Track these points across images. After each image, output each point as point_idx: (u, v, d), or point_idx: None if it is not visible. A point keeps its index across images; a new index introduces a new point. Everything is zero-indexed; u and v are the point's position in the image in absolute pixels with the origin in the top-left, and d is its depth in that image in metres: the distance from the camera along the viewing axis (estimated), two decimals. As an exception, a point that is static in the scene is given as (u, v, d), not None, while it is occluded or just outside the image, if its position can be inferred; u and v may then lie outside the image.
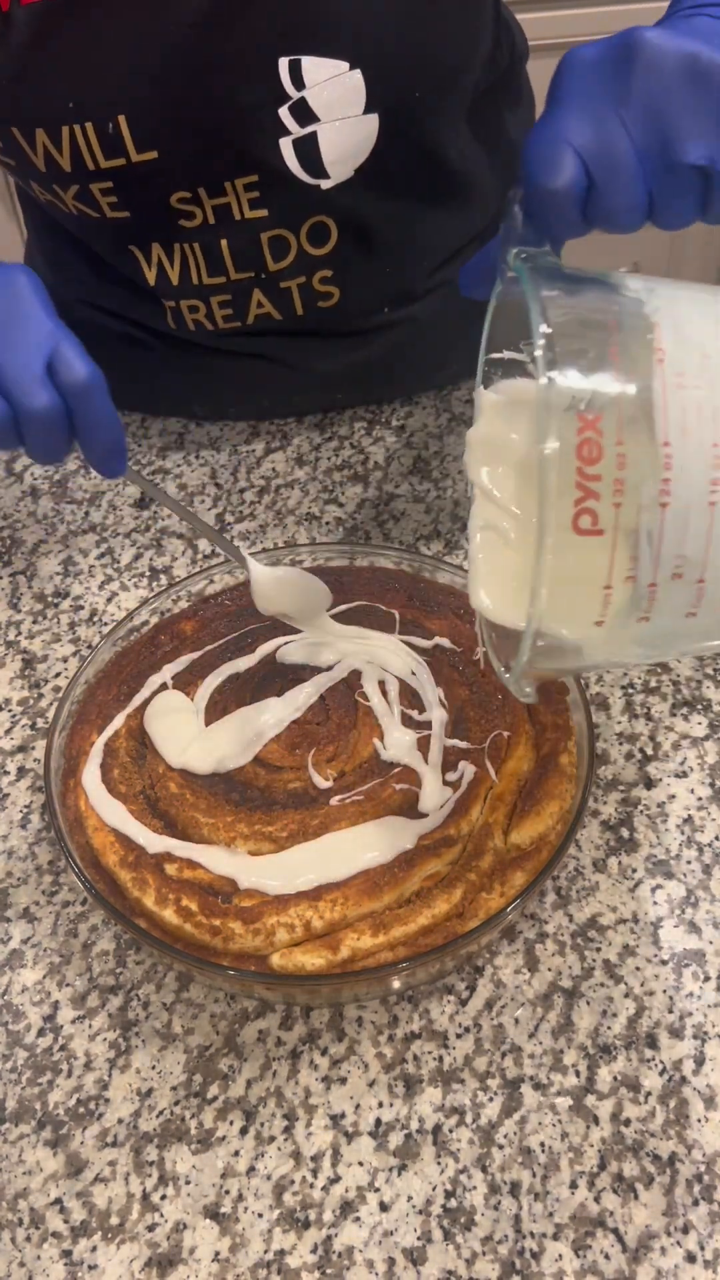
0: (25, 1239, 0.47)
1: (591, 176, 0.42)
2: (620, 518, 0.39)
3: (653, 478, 0.38)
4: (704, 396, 0.39)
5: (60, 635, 0.72)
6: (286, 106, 0.63)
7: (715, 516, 0.39)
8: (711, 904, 0.55)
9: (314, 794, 0.56)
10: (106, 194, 0.66)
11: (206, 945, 0.50)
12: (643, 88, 0.42)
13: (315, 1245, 0.46)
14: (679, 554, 0.39)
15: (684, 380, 0.39)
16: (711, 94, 0.42)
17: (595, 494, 0.38)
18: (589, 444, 0.38)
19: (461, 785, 0.55)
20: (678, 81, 0.42)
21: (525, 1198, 0.46)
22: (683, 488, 0.38)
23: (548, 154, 0.42)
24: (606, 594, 0.40)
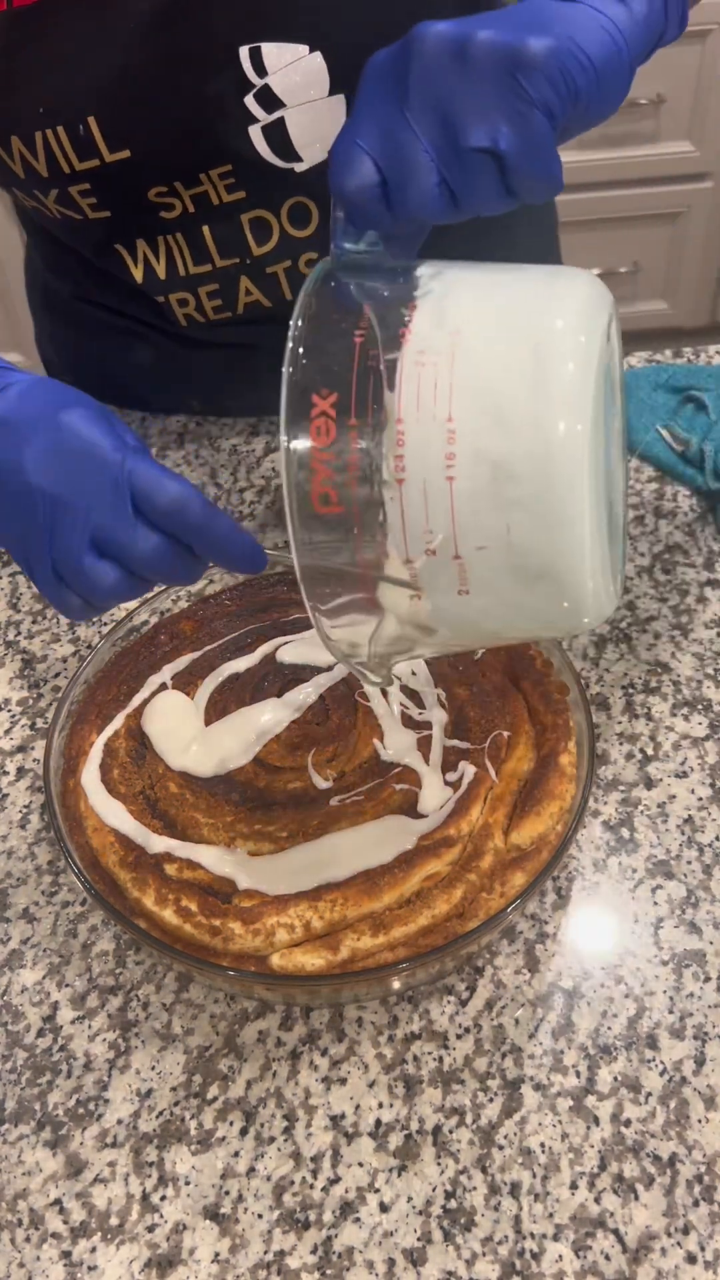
0: (25, 1239, 0.47)
1: (383, 173, 0.44)
2: (358, 494, 0.40)
3: (389, 454, 0.39)
4: (441, 374, 0.39)
5: (60, 635, 0.72)
6: (251, 94, 0.63)
7: (456, 492, 0.39)
8: (712, 904, 0.55)
9: (314, 794, 0.56)
10: (85, 195, 0.66)
11: (206, 946, 0.50)
12: (420, 81, 0.43)
13: (315, 1246, 0.46)
14: (426, 530, 0.40)
15: (424, 358, 0.39)
16: (486, 76, 0.42)
17: (330, 472, 0.40)
18: (322, 422, 0.39)
19: (461, 785, 0.55)
20: (451, 69, 0.43)
21: (525, 1198, 0.46)
22: (417, 463, 0.39)
23: (341, 158, 0.45)
24: (360, 574, 0.41)
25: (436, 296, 0.41)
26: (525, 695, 0.59)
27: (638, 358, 0.87)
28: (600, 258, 1.98)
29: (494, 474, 0.38)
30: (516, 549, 0.39)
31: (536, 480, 0.38)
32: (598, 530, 0.40)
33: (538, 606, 0.42)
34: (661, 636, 0.67)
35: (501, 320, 0.41)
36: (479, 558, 0.40)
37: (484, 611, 0.42)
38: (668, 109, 1.81)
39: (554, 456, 0.38)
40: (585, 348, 0.39)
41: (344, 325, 0.41)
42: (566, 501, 0.39)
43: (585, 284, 0.42)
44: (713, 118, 1.83)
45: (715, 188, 1.92)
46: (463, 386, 0.39)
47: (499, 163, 0.43)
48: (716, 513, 0.75)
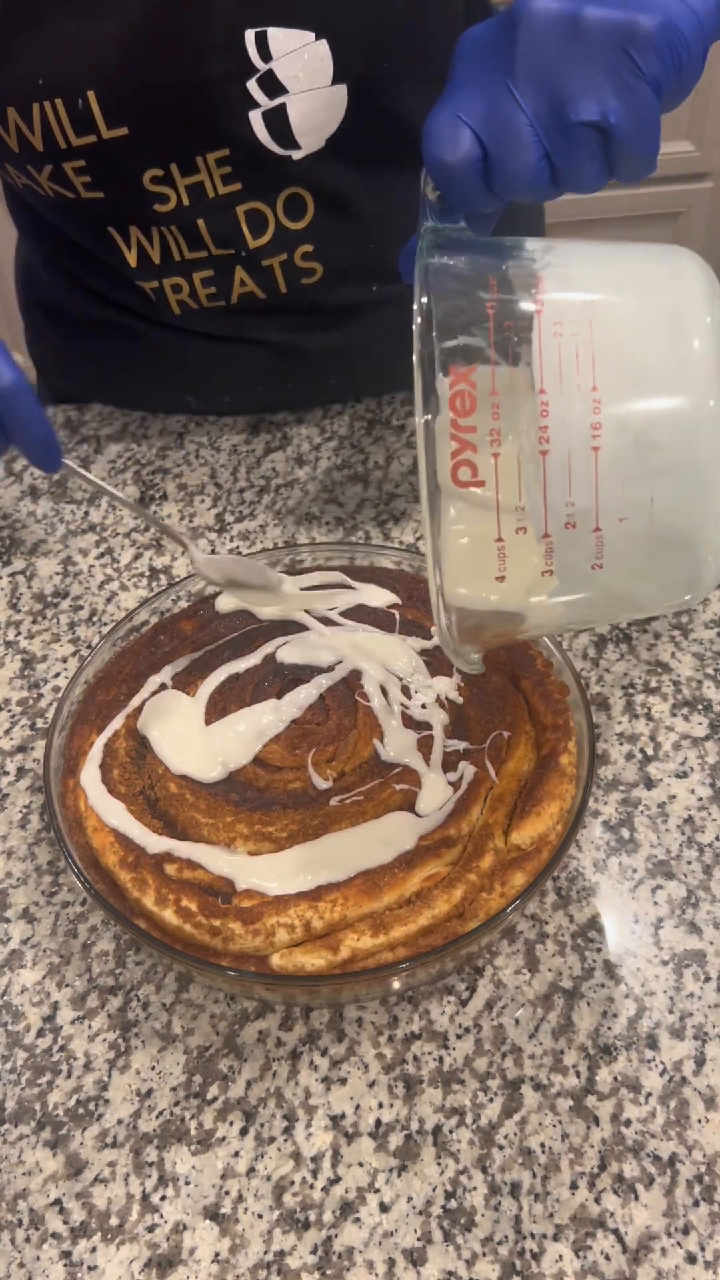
0: (25, 1240, 0.47)
1: (485, 147, 0.43)
2: (501, 468, 0.39)
3: (531, 426, 0.38)
4: (581, 342, 0.39)
5: (60, 635, 0.72)
6: (255, 79, 0.63)
7: (601, 462, 0.38)
8: (712, 904, 0.55)
9: (314, 794, 0.56)
10: (80, 173, 0.66)
11: (206, 946, 0.50)
12: (527, 54, 0.43)
13: (315, 1246, 0.46)
14: (568, 501, 0.39)
15: (561, 328, 0.39)
16: (597, 50, 0.42)
17: (472, 445, 0.39)
18: (462, 396, 0.39)
19: (461, 786, 0.55)
20: (560, 42, 0.42)
21: (525, 1198, 0.46)
22: (562, 434, 0.38)
23: (441, 130, 0.44)
24: (500, 547, 0.40)
25: (558, 269, 0.41)
26: (525, 695, 0.59)
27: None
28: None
29: (637, 442, 0.38)
30: (657, 519, 0.39)
31: (682, 448, 0.38)
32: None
33: (662, 579, 0.41)
34: (662, 636, 0.67)
35: (634, 290, 0.41)
36: (619, 530, 0.39)
37: (608, 586, 0.42)
38: (668, 109, 1.81)
39: (700, 422, 0.38)
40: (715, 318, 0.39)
41: (472, 297, 0.40)
42: (712, 468, 0.38)
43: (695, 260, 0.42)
44: (713, 118, 1.83)
45: (715, 188, 1.92)
46: (604, 354, 0.38)
47: (605, 138, 0.43)
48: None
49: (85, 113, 0.62)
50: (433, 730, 0.58)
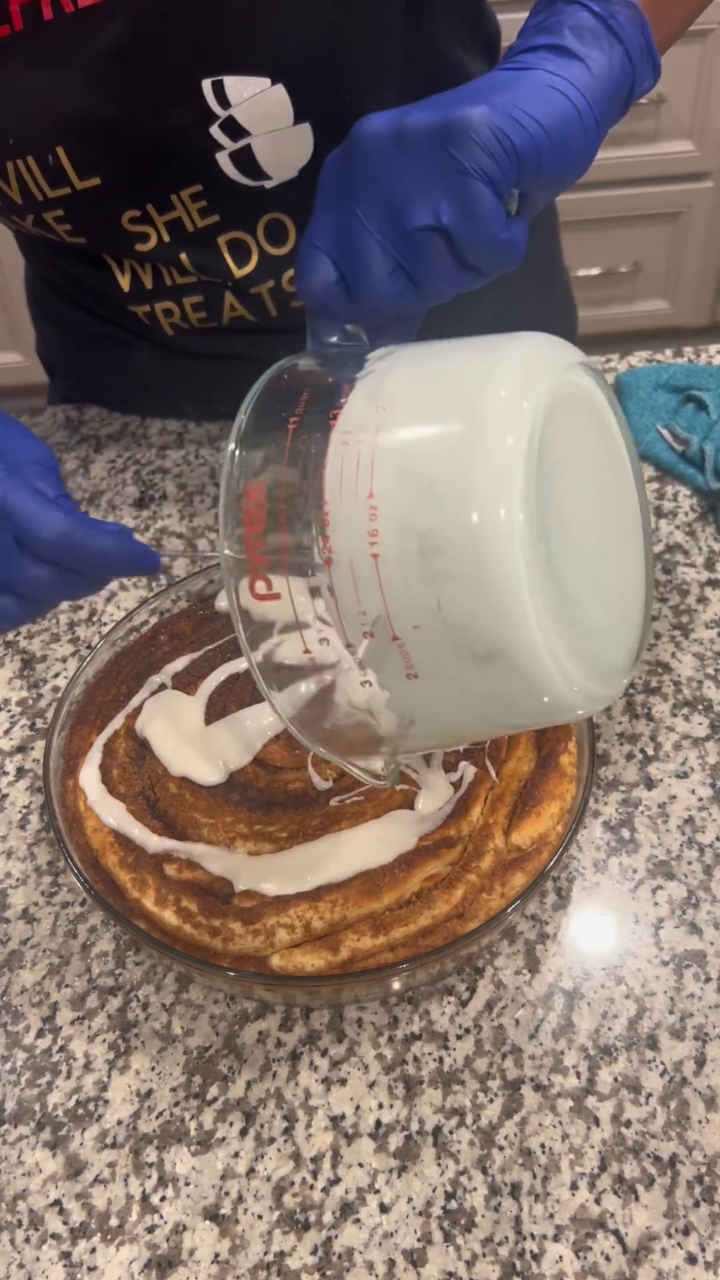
0: (25, 1240, 0.47)
1: (340, 270, 0.45)
2: (291, 581, 0.39)
3: (318, 537, 0.38)
4: (364, 449, 0.38)
5: (59, 635, 0.72)
6: (217, 125, 0.63)
7: (383, 568, 0.38)
8: (712, 905, 0.55)
9: (314, 794, 0.56)
10: (60, 221, 0.67)
11: (206, 946, 0.50)
12: (363, 173, 0.44)
13: (315, 1247, 0.45)
14: (360, 611, 0.38)
15: (349, 437, 0.39)
16: (421, 155, 0.43)
17: (263, 560, 0.39)
18: (255, 511, 0.39)
19: (462, 786, 0.55)
20: (390, 155, 0.43)
21: (526, 1199, 0.46)
22: (344, 542, 0.38)
23: (302, 261, 0.46)
24: (309, 659, 0.40)
25: (377, 375, 0.41)
26: (525, 695, 0.59)
27: (638, 357, 0.87)
28: (600, 258, 1.98)
29: (421, 547, 0.37)
30: (453, 625, 0.37)
31: (464, 551, 0.36)
32: (548, 601, 0.37)
33: (500, 690, 0.39)
34: (662, 636, 0.67)
35: (432, 390, 0.40)
36: (416, 637, 0.38)
37: (445, 698, 0.40)
38: (668, 109, 1.81)
39: (482, 529, 0.36)
40: (519, 409, 0.37)
41: (283, 414, 0.41)
42: (498, 571, 0.36)
43: (532, 345, 0.40)
44: (713, 117, 1.83)
45: (715, 187, 1.92)
46: (384, 460, 0.38)
47: (447, 240, 0.43)
48: (717, 513, 0.75)
49: (57, 167, 0.63)
50: (433, 730, 0.58)
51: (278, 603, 0.39)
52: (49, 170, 0.63)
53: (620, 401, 0.82)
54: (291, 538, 0.39)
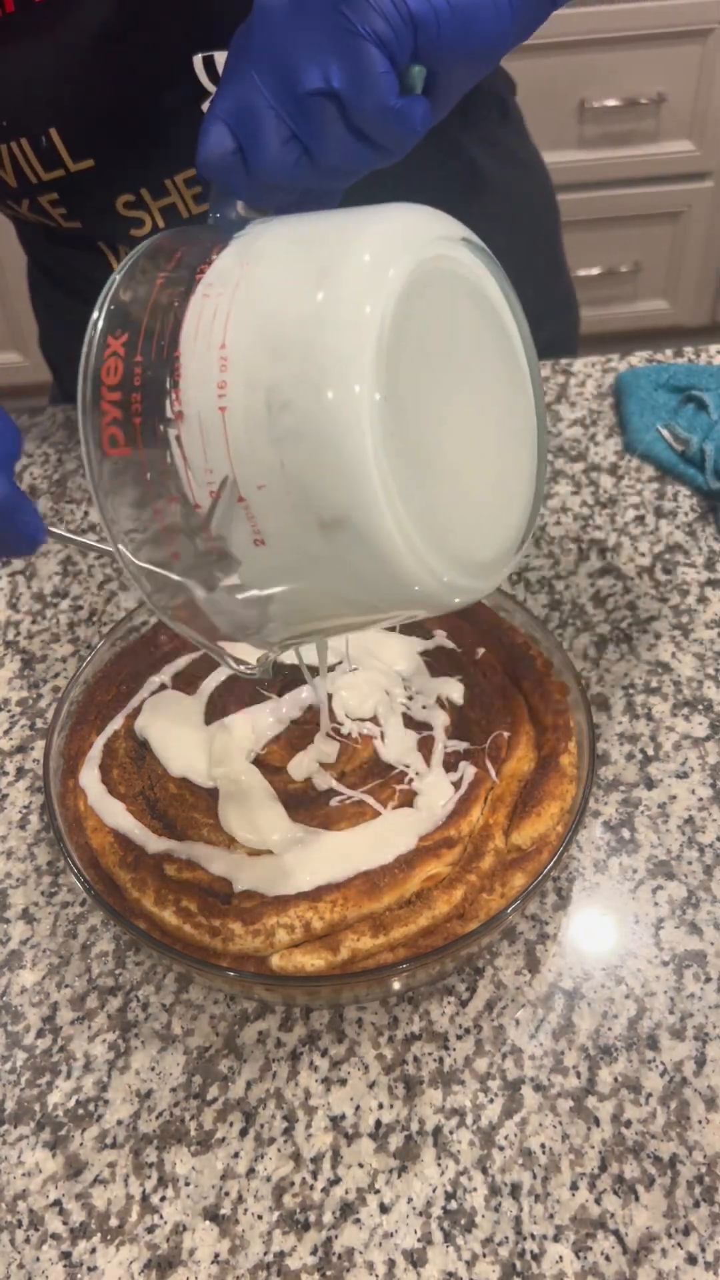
0: (24, 1240, 0.47)
1: (237, 139, 0.43)
2: (143, 433, 0.38)
3: (170, 390, 0.37)
4: (223, 302, 0.37)
5: (59, 635, 0.72)
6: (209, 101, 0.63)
7: (230, 423, 0.36)
8: (712, 905, 0.55)
9: (314, 794, 0.56)
10: (55, 205, 0.67)
11: (206, 946, 0.50)
12: (262, 38, 0.43)
13: (315, 1247, 0.45)
14: (207, 468, 0.37)
15: (210, 290, 0.38)
16: (316, 17, 0.42)
17: (117, 412, 0.38)
18: (112, 362, 0.38)
19: (462, 786, 0.55)
20: (287, 18, 0.42)
21: (526, 1199, 0.46)
22: (193, 395, 0.37)
23: (202, 130, 0.44)
24: (159, 522, 0.39)
25: (252, 236, 0.40)
26: (525, 695, 0.59)
27: (638, 357, 0.87)
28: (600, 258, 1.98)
29: (268, 402, 0.35)
30: (296, 486, 0.36)
31: (309, 408, 0.35)
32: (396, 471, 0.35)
33: (350, 564, 0.37)
34: (662, 636, 0.67)
35: (299, 244, 0.39)
36: (261, 498, 0.36)
37: (296, 570, 0.38)
38: (668, 108, 1.81)
39: (327, 375, 0.35)
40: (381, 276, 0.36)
41: (154, 273, 0.40)
42: (341, 427, 0.35)
43: (411, 211, 0.39)
44: (713, 117, 1.83)
45: (715, 187, 1.92)
46: (240, 312, 0.37)
47: (340, 106, 0.42)
48: (717, 513, 0.75)
49: (50, 149, 0.63)
50: (433, 730, 0.58)
51: (128, 458, 0.38)
52: (43, 152, 0.63)
53: (620, 401, 0.82)
54: (145, 389, 0.38)
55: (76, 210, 0.67)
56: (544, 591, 0.71)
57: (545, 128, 1.80)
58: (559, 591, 0.71)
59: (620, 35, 1.71)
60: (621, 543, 0.73)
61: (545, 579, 0.72)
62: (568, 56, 1.73)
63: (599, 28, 1.69)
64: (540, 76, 1.71)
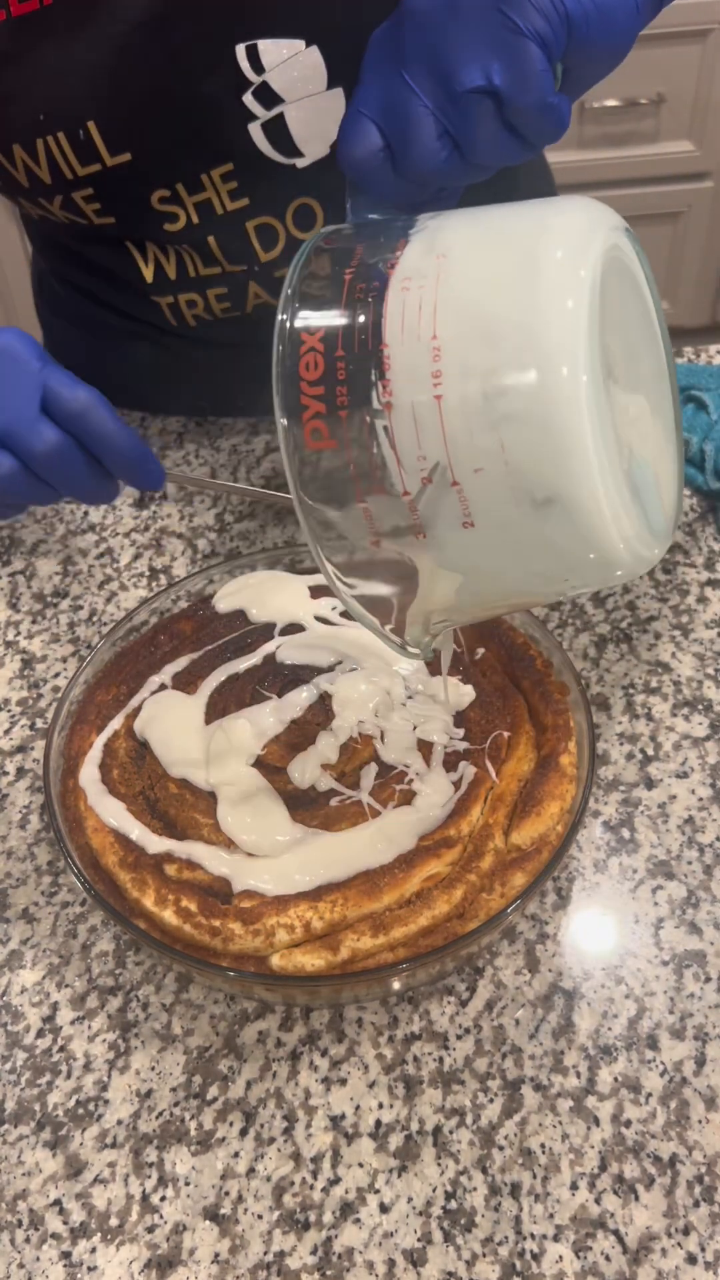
0: (25, 1240, 0.47)
1: (386, 137, 0.44)
2: (349, 426, 0.38)
3: (377, 381, 0.38)
4: (426, 294, 0.38)
5: (59, 635, 0.72)
6: (250, 92, 0.63)
7: (446, 411, 0.37)
8: (712, 905, 0.55)
9: (314, 794, 0.56)
10: (89, 201, 0.66)
11: (206, 946, 0.50)
12: (414, 38, 0.43)
13: (315, 1247, 0.45)
14: (419, 455, 0.38)
15: (410, 283, 0.38)
16: (474, 18, 0.42)
17: (320, 406, 0.39)
18: (310, 358, 0.39)
19: (462, 786, 0.55)
20: (442, 19, 0.43)
21: (525, 1199, 0.46)
22: (404, 385, 0.38)
23: (346, 128, 0.44)
24: (364, 511, 0.40)
25: (430, 231, 0.41)
26: (526, 695, 0.59)
27: (638, 357, 0.87)
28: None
29: (484, 388, 0.37)
30: (514, 468, 0.37)
31: (528, 390, 0.36)
32: (608, 450, 0.37)
33: (553, 540, 0.39)
34: (662, 636, 0.67)
35: (490, 238, 0.40)
36: (477, 482, 0.38)
37: (498, 549, 0.40)
38: (668, 108, 1.81)
39: (548, 365, 0.36)
40: (579, 257, 0.38)
41: (336, 269, 0.40)
42: (562, 408, 0.36)
43: (584, 204, 0.40)
44: (713, 117, 1.83)
45: (715, 188, 1.92)
46: (447, 303, 0.38)
47: (497, 103, 0.43)
48: (717, 513, 0.75)
49: (88, 142, 0.63)
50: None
51: (334, 450, 0.39)
52: (80, 146, 0.63)
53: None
54: (350, 382, 0.38)
55: (110, 206, 0.67)
56: (544, 591, 0.71)
57: (545, 128, 1.80)
58: (559, 591, 0.71)
59: (620, 35, 1.71)
60: (621, 543, 0.73)
61: (545, 579, 0.72)
62: (567, 57, 1.73)
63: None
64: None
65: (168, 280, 0.74)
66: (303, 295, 0.40)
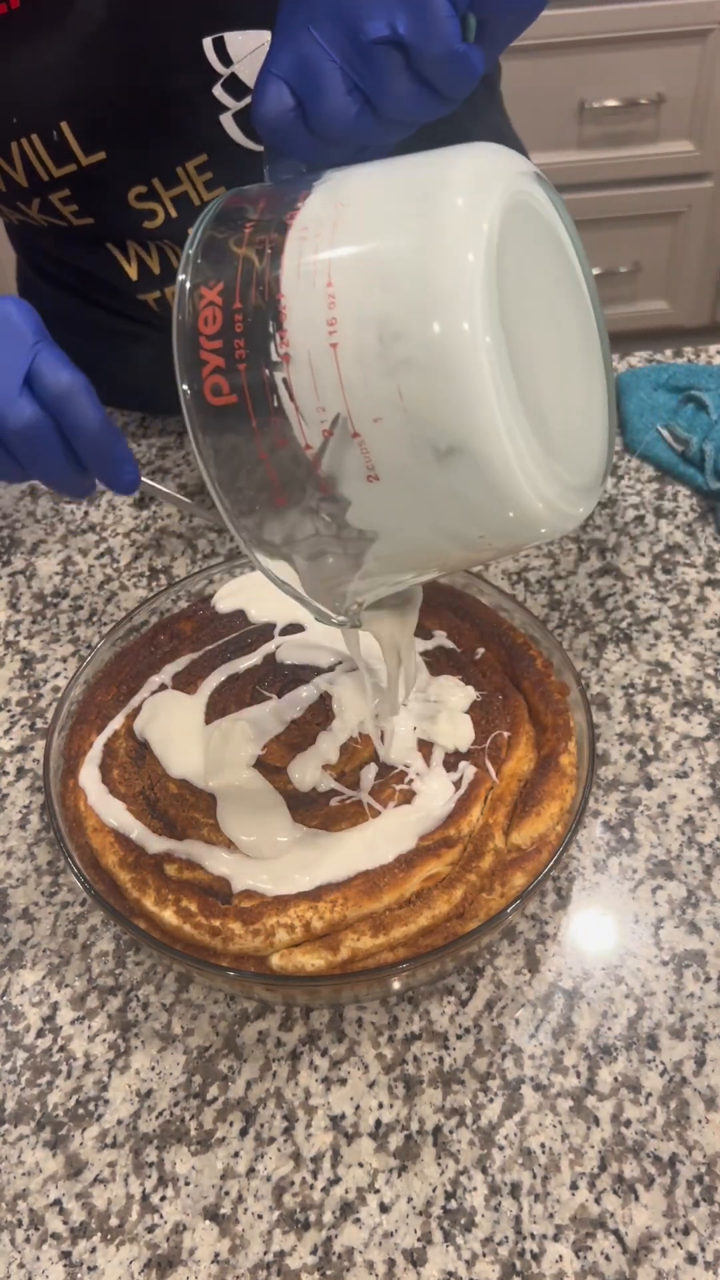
0: (25, 1240, 0.47)
1: (297, 95, 0.43)
2: (248, 378, 0.38)
3: (275, 333, 0.37)
4: (323, 241, 0.37)
5: (60, 635, 0.72)
6: (219, 84, 0.63)
7: (342, 359, 0.36)
8: (712, 904, 0.55)
9: (314, 794, 0.56)
10: (66, 202, 0.67)
11: (206, 946, 0.50)
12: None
13: (315, 1246, 0.45)
14: (319, 407, 0.37)
15: (307, 232, 0.38)
16: None
17: (219, 360, 0.38)
18: (209, 312, 0.38)
19: (462, 786, 0.55)
20: None
21: (525, 1199, 0.46)
22: (301, 335, 0.37)
23: (257, 90, 0.44)
24: (266, 468, 0.39)
25: (335, 181, 0.40)
26: (525, 695, 0.59)
27: (638, 357, 0.87)
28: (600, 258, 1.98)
29: (380, 333, 0.36)
30: (414, 416, 0.36)
31: (426, 337, 0.35)
32: (509, 397, 0.36)
33: (463, 495, 0.37)
34: (662, 636, 0.67)
35: (391, 186, 0.39)
36: (377, 431, 0.37)
37: (407, 505, 0.39)
38: (668, 109, 1.81)
39: (443, 308, 0.35)
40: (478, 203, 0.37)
41: (238, 222, 0.40)
42: (459, 353, 0.35)
43: (489, 149, 0.40)
44: (713, 118, 1.82)
45: (715, 188, 1.92)
46: (343, 250, 0.37)
47: (405, 54, 0.42)
48: (716, 513, 0.75)
49: (61, 143, 0.63)
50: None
51: (234, 405, 0.38)
52: (54, 147, 0.63)
53: (620, 401, 0.82)
54: (248, 335, 0.38)
55: (88, 206, 0.67)
56: (544, 591, 0.71)
57: (545, 128, 1.80)
58: (559, 591, 0.71)
59: (620, 35, 1.71)
60: (621, 543, 0.73)
61: (545, 579, 0.72)
62: (567, 56, 1.73)
63: (599, 28, 1.69)
64: (540, 76, 1.70)
65: (152, 276, 0.74)
66: (204, 252, 0.39)
